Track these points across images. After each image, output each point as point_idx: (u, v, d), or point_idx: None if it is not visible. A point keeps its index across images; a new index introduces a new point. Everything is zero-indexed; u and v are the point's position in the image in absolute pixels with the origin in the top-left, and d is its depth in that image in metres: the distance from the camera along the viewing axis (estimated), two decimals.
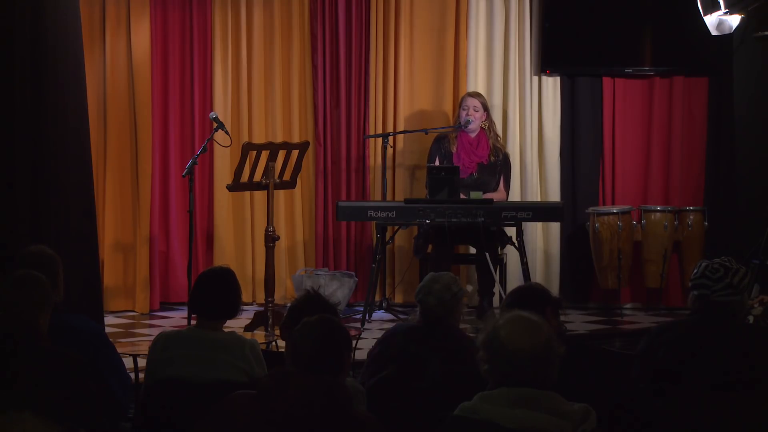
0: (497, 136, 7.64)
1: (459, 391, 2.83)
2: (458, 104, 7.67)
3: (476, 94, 7.58)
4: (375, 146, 8.02)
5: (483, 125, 7.50)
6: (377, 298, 7.73)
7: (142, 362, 4.57)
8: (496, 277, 7.13)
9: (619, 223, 7.61)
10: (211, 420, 2.81)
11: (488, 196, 7.24)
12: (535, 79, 8.14)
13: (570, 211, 7.92)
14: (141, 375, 4.52)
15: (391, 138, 7.86)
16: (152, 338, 4.00)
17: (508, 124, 8.11)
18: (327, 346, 2.85)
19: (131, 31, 7.90)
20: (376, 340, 4.33)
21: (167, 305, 8.02)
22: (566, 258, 8.13)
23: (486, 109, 7.53)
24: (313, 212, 8.17)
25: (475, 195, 7.17)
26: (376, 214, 7.06)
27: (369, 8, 8.05)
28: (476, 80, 8.06)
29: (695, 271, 3.77)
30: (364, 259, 8.02)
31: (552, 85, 8.14)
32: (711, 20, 7.26)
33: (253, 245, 8.09)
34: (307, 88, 8.16)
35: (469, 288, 7.98)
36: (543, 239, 8.14)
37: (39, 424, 1.86)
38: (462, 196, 7.15)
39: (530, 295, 3.61)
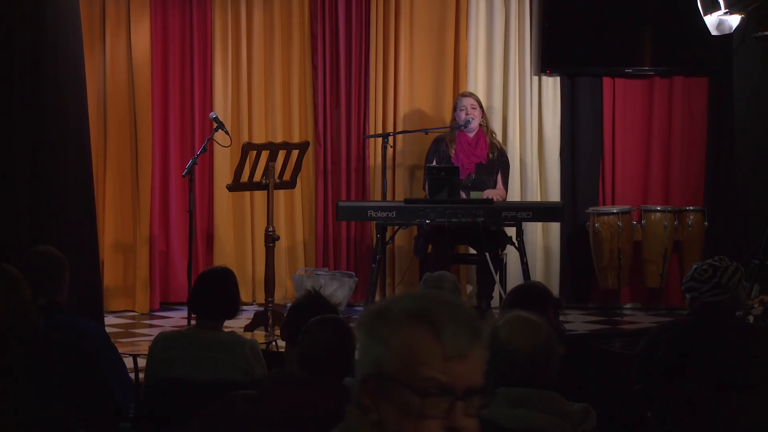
0: (493, 132, 7.62)
1: None
2: (453, 107, 7.66)
3: (470, 94, 7.57)
4: (375, 146, 8.01)
5: (481, 122, 7.50)
6: (377, 298, 7.72)
7: (142, 362, 4.57)
8: (497, 278, 7.12)
9: (619, 223, 7.61)
10: (211, 419, 2.81)
11: (487, 193, 7.23)
12: (535, 79, 8.14)
13: (570, 211, 7.91)
14: (141, 375, 4.52)
15: (391, 138, 7.85)
16: (152, 338, 4.00)
17: (508, 124, 8.11)
18: (338, 350, 2.83)
19: (131, 31, 7.90)
20: None
21: (167, 305, 8.02)
22: (566, 258, 8.13)
23: (481, 106, 7.52)
24: (313, 212, 8.17)
25: (475, 195, 7.17)
26: (376, 214, 7.06)
27: (369, 8, 8.04)
28: (476, 80, 8.05)
29: (687, 274, 3.81)
30: (364, 259, 8.02)
31: (552, 85, 8.14)
32: (711, 20, 7.26)
33: (253, 245, 8.09)
34: (307, 88, 8.16)
35: (469, 288, 7.98)
36: (543, 239, 8.13)
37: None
38: (462, 196, 7.14)
39: (532, 293, 3.60)
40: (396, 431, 1.53)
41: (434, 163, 7.43)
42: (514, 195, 7.90)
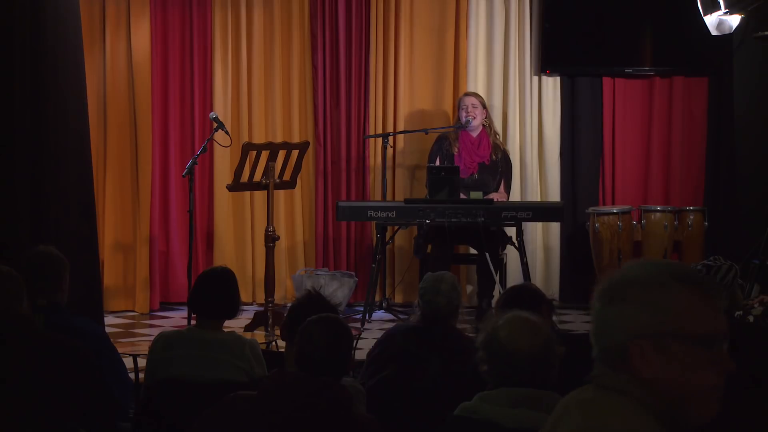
0: (497, 133, 7.64)
1: (459, 391, 2.83)
2: (456, 106, 7.68)
3: (472, 93, 7.60)
4: (375, 146, 8.02)
5: (484, 122, 7.51)
6: (377, 298, 7.73)
7: (142, 362, 4.57)
8: (497, 278, 7.12)
9: (619, 223, 7.61)
10: (210, 421, 2.81)
11: (489, 197, 7.23)
12: (535, 79, 8.14)
13: (570, 211, 7.92)
14: (141, 375, 4.52)
15: (391, 138, 7.86)
16: (152, 338, 4.00)
17: (508, 124, 8.11)
18: (335, 349, 2.83)
19: (131, 31, 7.90)
20: (376, 341, 4.33)
21: (167, 305, 8.02)
22: (566, 258, 8.13)
23: (484, 106, 7.53)
24: (313, 212, 8.17)
25: (475, 195, 7.17)
26: (376, 214, 7.06)
27: (369, 8, 8.05)
28: (476, 80, 8.06)
29: None
30: (364, 259, 8.02)
31: (552, 85, 8.14)
32: (711, 20, 7.26)
33: (253, 245, 8.09)
34: (307, 88, 8.17)
35: (469, 288, 7.98)
36: (543, 239, 8.14)
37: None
38: (462, 196, 7.14)
39: (526, 294, 3.60)
40: (677, 382, 1.67)
41: (437, 163, 7.44)
42: (514, 195, 7.89)
